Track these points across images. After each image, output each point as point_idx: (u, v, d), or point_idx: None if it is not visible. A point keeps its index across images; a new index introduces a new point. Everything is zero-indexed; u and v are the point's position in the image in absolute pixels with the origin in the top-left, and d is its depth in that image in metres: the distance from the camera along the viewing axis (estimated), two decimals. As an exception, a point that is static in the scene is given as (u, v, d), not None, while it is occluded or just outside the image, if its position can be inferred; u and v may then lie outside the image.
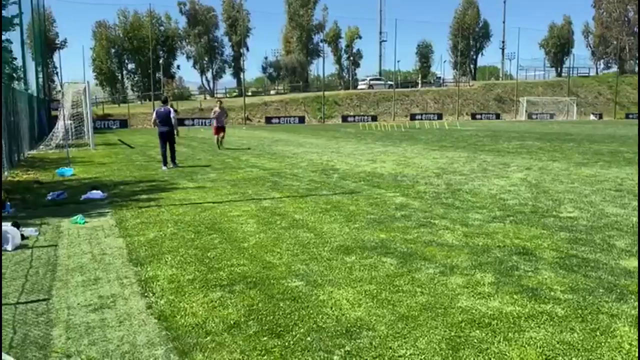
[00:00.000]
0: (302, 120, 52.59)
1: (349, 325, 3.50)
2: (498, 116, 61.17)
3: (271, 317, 3.65)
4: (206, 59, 69.46)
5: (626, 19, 77.30)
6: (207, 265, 4.89)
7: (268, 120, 50.76)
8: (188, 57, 69.76)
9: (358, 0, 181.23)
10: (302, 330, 3.44)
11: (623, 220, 6.48)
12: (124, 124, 44.69)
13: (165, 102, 13.85)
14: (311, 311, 3.74)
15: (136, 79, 65.62)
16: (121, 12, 63.62)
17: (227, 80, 76.34)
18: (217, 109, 18.97)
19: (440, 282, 4.30)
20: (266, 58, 73.51)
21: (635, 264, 4.73)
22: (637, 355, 3.05)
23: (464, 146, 19.47)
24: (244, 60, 65.53)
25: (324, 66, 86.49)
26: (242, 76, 65.34)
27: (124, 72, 66.01)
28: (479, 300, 3.89)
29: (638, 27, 32.42)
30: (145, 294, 4.17)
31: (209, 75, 71.06)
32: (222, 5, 69.65)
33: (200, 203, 8.10)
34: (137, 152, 19.11)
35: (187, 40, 68.43)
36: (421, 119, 55.45)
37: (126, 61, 65.17)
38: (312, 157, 15.55)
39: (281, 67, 71.14)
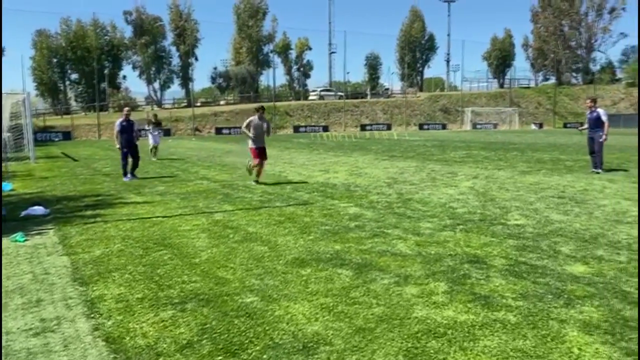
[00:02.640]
0: (253, 131, 52.19)
1: (306, 340, 3.44)
2: (444, 126, 62.79)
3: (225, 335, 3.54)
4: (153, 69, 68.08)
5: (561, 33, 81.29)
6: (157, 282, 4.72)
7: (218, 130, 50.15)
8: (134, 67, 68.21)
9: (308, 12, 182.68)
10: (258, 347, 3.35)
11: (567, 227, 6.73)
12: (67, 135, 43.06)
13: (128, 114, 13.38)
14: (267, 327, 3.66)
15: (80, 89, 63.50)
16: (63, 20, 61.58)
17: (175, 90, 75.00)
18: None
19: (396, 293, 4.31)
20: (215, 68, 72.68)
21: (581, 269, 4.91)
22: (589, 359, 3.14)
23: (412, 156, 19.83)
24: (192, 70, 64.75)
25: (274, 77, 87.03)
26: (190, 86, 64.44)
27: (67, 82, 63.79)
28: (433, 310, 3.92)
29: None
30: (92, 315, 3.97)
31: (157, 85, 69.66)
32: (170, 15, 68.58)
33: (149, 217, 7.85)
34: (82, 165, 18.39)
35: (133, 50, 66.87)
36: (371, 129, 56.21)
37: (69, 71, 63.01)
38: (265, 168, 15.39)
39: (231, 77, 70.57)
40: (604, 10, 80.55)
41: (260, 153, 11.63)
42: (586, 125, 13.68)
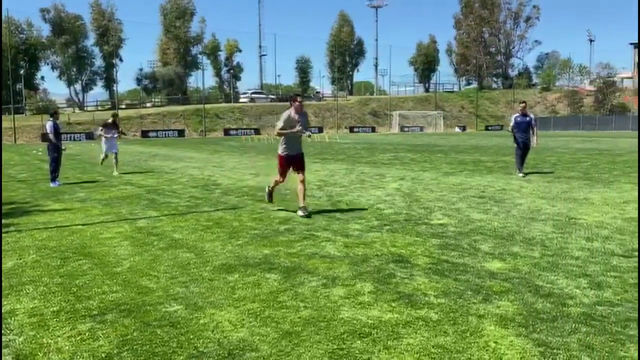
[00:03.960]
0: (181, 133, 51.06)
1: (231, 347, 3.38)
2: (374, 129, 64.19)
3: (147, 346, 3.42)
4: (74, 69, 64.94)
5: (482, 39, 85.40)
6: (74, 294, 4.48)
7: (144, 134, 48.59)
8: (54, 68, 64.86)
9: (237, 14, 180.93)
10: (181, 357, 3.26)
11: (486, 225, 7.05)
12: (-23, 139, 40.12)
13: (52, 115, 12.60)
14: (191, 336, 3.56)
15: (-8, 90, 59.45)
16: (-28, 16, 57.39)
17: (99, 92, 72.00)
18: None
19: (323, 295, 4.33)
20: (141, 69, 70.45)
21: (499, 265, 5.15)
22: (504, 352, 3.29)
23: (343, 158, 20.10)
24: (116, 72, 62.35)
25: (203, 78, 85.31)
26: (115, 88, 61.99)
27: (-23, 82, 59.53)
28: (359, 310, 3.97)
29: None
30: (1, 332, 3.71)
31: (78, 87, 66.49)
32: (92, 14, 65.74)
33: (68, 226, 7.46)
34: (-6, 171, 17.20)
35: (52, 50, 63.48)
36: (302, 132, 56.42)
37: (-21, 71, 58.83)
38: (193, 172, 15.10)
39: (158, 79, 68.64)
40: (521, 18, 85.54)
41: (296, 163, 8.04)
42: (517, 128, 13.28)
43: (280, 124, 7.89)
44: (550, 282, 4.60)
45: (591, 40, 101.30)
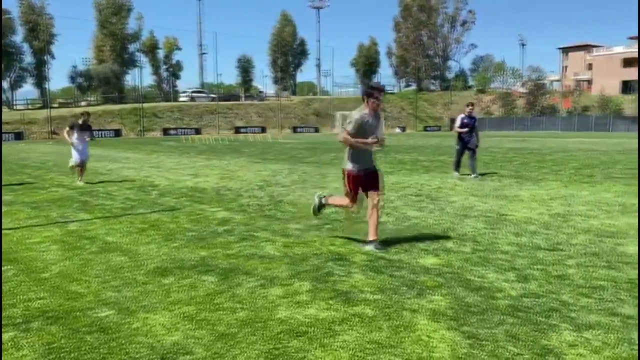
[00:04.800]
0: (118, 133, 49.39)
1: (164, 352, 3.30)
2: (317, 129, 64.49)
3: (75, 354, 3.28)
4: (2, 66, 61.43)
5: (421, 42, 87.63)
6: (-4, 302, 4.24)
7: (79, 134, 46.57)
8: (-23, 63, 60.99)
9: (176, 11, 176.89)
10: (111, 364, 3.15)
11: (421, 222, 7.25)
12: None
13: None
14: (122, 342, 3.45)
15: None
16: None
17: (28, 90, 68.49)
18: None
19: (261, 295, 4.31)
20: (75, 67, 67.53)
21: (433, 261, 5.30)
22: (436, 345, 3.38)
23: (285, 158, 20.09)
24: (48, 69, 59.55)
25: (141, 77, 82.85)
26: (46, 86, 59.17)
27: None
28: (296, 310, 3.98)
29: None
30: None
31: (5, 84, 62.97)
32: (20, 8, 62.46)
33: (-9, 230, 7.04)
34: None
35: (-25, 44, 59.77)
36: (246, 132, 55.96)
37: None
38: (129, 173, 14.65)
39: (93, 77, 66.08)
40: (457, 22, 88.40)
41: (369, 182, 5.95)
42: (466, 130, 12.97)
43: (349, 127, 5.81)
44: (480, 276, 4.78)
45: (522, 45, 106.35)
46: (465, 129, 12.89)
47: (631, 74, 75.93)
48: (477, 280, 4.67)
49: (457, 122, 13.12)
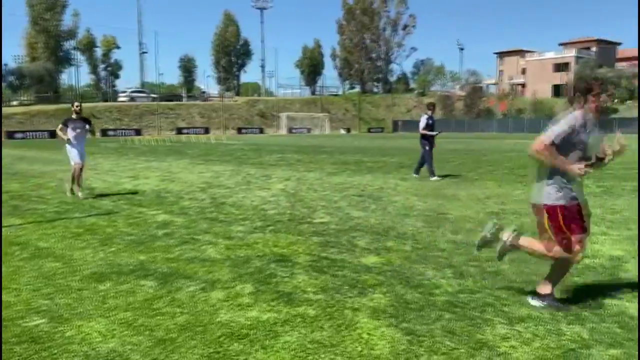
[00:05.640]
0: (53, 134, 47.23)
1: (99, 359, 3.19)
2: (262, 130, 64.14)
3: (2, 367, 3.12)
4: None
5: (364, 45, 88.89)
6: None
7: (10, 135, 44.22)
8: None
9: (114, 9, 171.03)
10: (42, 375, 3.02)
11: (364, 222, 7.35)
12: None
13: None
14: (55, 351, 3.31)
15: None
16: None
17: (-48, 88, 64.32)
18: None
19: (201, 299, 4.25)
20: (6, 65, 64.05)
21: (374, 259, 5.39)
22: (376, 342, 3.44)
23: (229, 160, 19.86)
24: (-26, 66, 56.18)
25: (77, 75, 79.38)
26: (-27, 84, 55.85)
27: None
28: (238, 312, 3.95)
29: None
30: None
31: None
32: (-58, 0, 58.56)
33: None
34: None
35: None
36: (188, 133, 54.86)
37: None
38: (64, 176, 14.02)
39: (25, 75, 62.88)
40: (399, 26, 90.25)
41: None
42: (436, 132, 13.18)
43: (558, 132, 3.81)
44: (419, 273, 4.91)
45: (461, 49, 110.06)
46: (436, 132, 13.20)
47: (561, 78, 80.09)
48: (417, 277, 4.79)
49: (423, 123, 13.05)
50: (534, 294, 4.17)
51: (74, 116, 10.16)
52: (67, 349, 3.35)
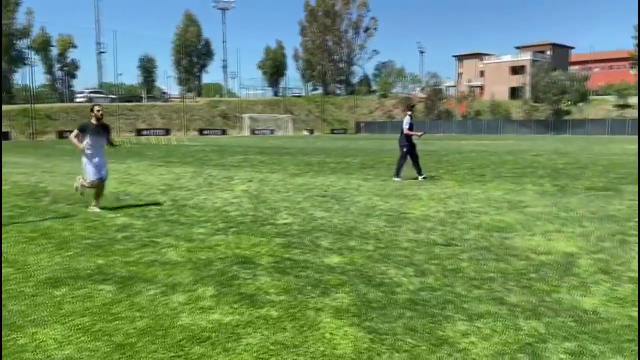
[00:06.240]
0: (6, 136, 45.57)
1: (55, 368, 3.09)
2: (224, 132, 63.56)
3: (-50, 378, 2.98)
4: None
5: (326, 47, 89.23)
6: None
7: (-41, 137, 42.41)
8: None
9: (71, 7, 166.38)
10: (-7, 385, 2.90)
11: (327, 223, 7.37)
12: None
13: None
14: (7, 360, 3.19)
15: None
16: None
17: None
18: None
19: (162, 303, 4.17)
20: (-47, 63, 61.39)
21: (337, 260, 5.41)
22: (339, 342, 3.45)
23: (191, 161, 19.59)
24: None
25: (32, 76, 76.32)
26: None
27: None
28: (200, 316, 3.89)
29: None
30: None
31: None
32: None
33: None
34: None
35: None
36: (148, 135, 53.84)
37: None
38: (18, 179, 13.55)
39: (-25, 75, 60.39)
40: (361, 29, 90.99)
41: None
42: (420, 132, 13.02)
43: None
44: (382, 272, 4.96)
45: (421, 52, 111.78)
46: (421, 133, 13.46)
47: (518, 81, 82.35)
48: (379, 276, 4.83)
49: (407, 125, 12.91)
50: None
51: (93, 121, 8.46)
52: (20, 357, 3.23)
